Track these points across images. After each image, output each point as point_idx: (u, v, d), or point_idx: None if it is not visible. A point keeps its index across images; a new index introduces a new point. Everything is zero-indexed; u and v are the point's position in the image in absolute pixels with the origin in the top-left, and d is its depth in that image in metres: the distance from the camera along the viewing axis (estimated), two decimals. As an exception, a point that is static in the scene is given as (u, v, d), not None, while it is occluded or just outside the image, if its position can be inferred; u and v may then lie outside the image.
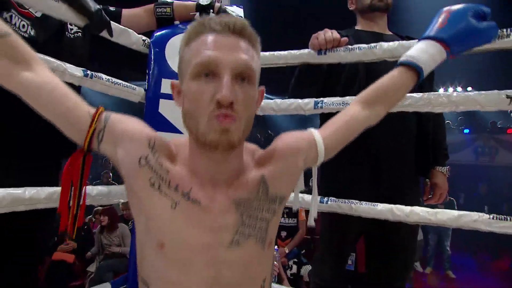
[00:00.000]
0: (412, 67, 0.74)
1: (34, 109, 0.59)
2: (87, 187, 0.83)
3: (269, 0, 7.59)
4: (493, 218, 0.86)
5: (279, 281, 2.21)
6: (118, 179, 6.18)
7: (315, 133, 0.70)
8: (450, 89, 10.65)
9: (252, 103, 0.59)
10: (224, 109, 0.54)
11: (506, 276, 4.83)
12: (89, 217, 3.76)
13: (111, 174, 5.52)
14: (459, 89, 10.61)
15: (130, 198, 0.65)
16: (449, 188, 1.39)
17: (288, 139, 0.69)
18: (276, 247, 2.03)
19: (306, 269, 2.59)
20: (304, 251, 2.85)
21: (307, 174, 0.86)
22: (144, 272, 0.64)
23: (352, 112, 0.74)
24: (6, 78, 0.57)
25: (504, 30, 0.83)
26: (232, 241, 0.61)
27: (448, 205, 4.92)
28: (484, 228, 0.87)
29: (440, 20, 0.77)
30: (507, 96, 0.83)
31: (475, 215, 0.89)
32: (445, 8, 0.79)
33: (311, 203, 0.79)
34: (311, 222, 0.80)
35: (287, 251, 2.66)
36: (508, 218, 0.85)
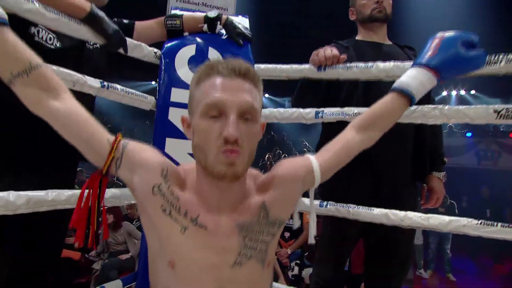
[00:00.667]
0: (404, 93, 0.79)
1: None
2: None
3: (273, 10, 7.67)
4: (480, 224, 0.92)
5: (275, 279, 2.26)
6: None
7: (312, 159, 0.76)
8: (454, 92, 10.66)
9: (254, 138, 0.66)
10: (230, 145, 0.61)
11: (507, 280, 4.85)
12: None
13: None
14: (462, 92, 10.61)
15: (143, 219, 0.72)
16: (451, 191, 1.45)
17: (287, 166, 0.75)
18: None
19: (307, 271, 2.61)
20: (307, 253, 2.88)
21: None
22: (156, 286, 0.71)
23: (347, 138, 0.80)
24: (37, 106, 0.65)
25: (493, 56, 0.88)
26: (236, 262, 0.68)
27: (449, 209, 4.95)
28: (472, 232, 0.93)
29: (431, 47, 0.82)
30: (494, 111, 0.88)
31: (464, 220, 0.95)
32: (438, 34, 0.83)
33: (310, 222, 0.84)
34: (311, 241, 0.84)
35: (289, 252, 2.69)
36: (495, 224, 0.90)
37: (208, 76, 0.65)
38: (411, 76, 0.80)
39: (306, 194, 1.11)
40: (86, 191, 0.70)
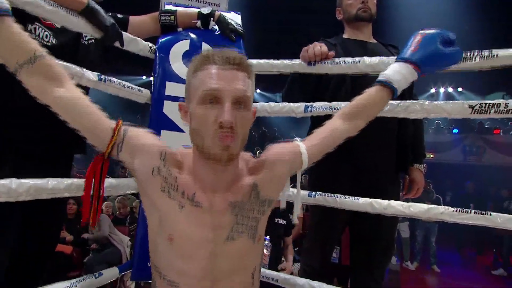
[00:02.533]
0: (387, 85, 0.86)
1: (49, 111, 0.69)
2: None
3: (265, 7, 7.67)
4: (456, 211, 0.99)
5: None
6: None
7: (301, 145, 0.82)
8: (442, 89, 10.88)
9: (247, 124, 0.71)
10: (226, 130, 0.66)
11: (489, 271, 5.04)
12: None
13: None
14: (450, 89, 10.84)
15: (144, 200, 0.77)
16: (438, 186, 1.53)
17: (276, 150, 0.81)
18: (267, 237, 2.15)
19: (297, 266, 2.66)
20: (297, 248, 2.95)
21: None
22: (157, 261, 0.77)
23: (334, 125, 0.86)
24: (42, 94, 0.68)
25: (469, 52, 0.95)
26: (228, 237, 0.73)
27: (435, 203, 5.07)
28: (449, 219, 1.00)
29: (413, 43, 0.89)
30: (469, 106, 0.95)
31: (442, 208, 1.02)
32: (420, 31, 0.91)
33: (295, 202, 0.91)
34: (295, 220, 0.92)
35: (292, 269, 2.73)
36: (469, 211, 0.98)
37: (204, 66, 0.69)
38: (394, 70, 0.87)
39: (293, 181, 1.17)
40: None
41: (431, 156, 8.21)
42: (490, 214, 0.96)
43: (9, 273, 1.05)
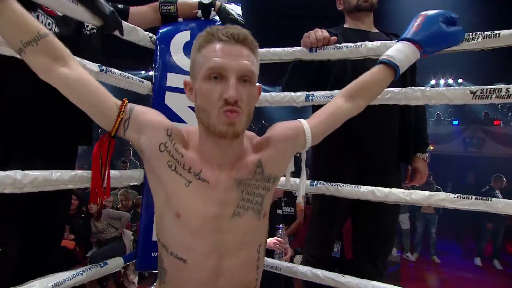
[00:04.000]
0: (390, 65, 0.86)
1: (53, 104, 0.70)
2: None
3: None
4: (457, 197, 1.00)
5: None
6: (136, 156, 6.33)
7: (304, 123, 0.83)
8: (442, 81, 10.84)
9: (252, 100, 0.71)
10: (231, 106, 0.66)
11: (488, 261, 5.08)
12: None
13: (131, 150, 5.93)
14: (450, 80, 10.81)
15: (150, 176, 0.77)
16: (439, 177, 1.54)
17: (280, 128, 0.82)
18: (281, 225, 2.16)
19: (299, 258, 2.69)
20: (294, 238, 2.97)
21: (298, 159, 0.99)
22: (163, 238, 0.77)
23: (336, 105, 0.87)
24: (46, 73, 0.68)
25: (470, 34, 0.95)
26: (234, 213, 0.74)
27: (437, 193, 5.12)
28: (450, 205, 1.01)
29: (416, 23, 0.89)
30: (471, 92, 0.96)
31: (442, 194, 1.03)
32: (422, 13, 0.91)
33: (300, 182, 0.91)
34: (300, 200, 0.93)
35: (291, 253, 2.75)
36: (470, 197, 0.98)
37: (209, 42, 0.69)
38: (397, 49, 0.87)
39: (296, 175, 1.18)
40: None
41: (432, 147, 8.22)
42: (491, 200, 0.97)
43: (14, 268, 1.06)
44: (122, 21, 1.10)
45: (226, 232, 0.74)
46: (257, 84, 0.76)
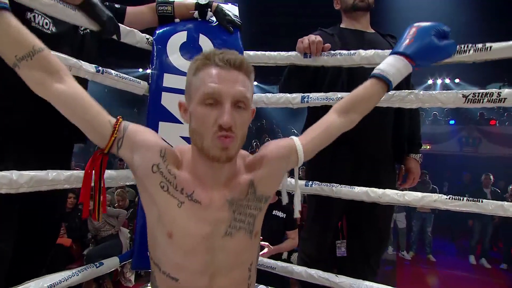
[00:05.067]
0: (382, 79, 0.87)
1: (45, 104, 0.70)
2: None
3: None
4: (449, 198, 1.01)
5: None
6: None
7: (296, 140, 0.83)
8: (439, 81, 10.90)
9: (246, 124, 0.73)
10: (225, 131, 0.67)
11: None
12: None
13: None
14: (447, 80, 10.86)
15: (142, 195, 0.78)
16: (434, 177, 1.55)
17: (272, 147, 0.83)
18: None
19: (295, 256, 2.69)
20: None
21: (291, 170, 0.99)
22: (156, 257, 0.78)
23: (329, 120, 0.87)
24: (41, 88, 0.69)
25: (462, 45, 0.96)
26: (226, 233, 0.75)
27: (431, 193, 5.17)
28: (442, 206, 1.02)
29: (408, 36, 0.90)
30: (463, 96, 0.97)
31: (435, 196, 1.04)
32: (415, 24, 0.92)
33: (295, 197, 0.93)
34: (297, 215, 0.94)
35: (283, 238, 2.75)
36: (461, 198, 1.00)
37: (205, 66, 0.70)
38: (389, 63, 0.88)
39: (292, 175, 1.19)
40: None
41: (428, 147, 8.27)
42: (482, 201, 0.98)
43: (11, 266, 1.07)
44: (119, 24, 1.10)
45: (218, 252, 0.75)
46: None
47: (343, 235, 1.93)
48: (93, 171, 0.76)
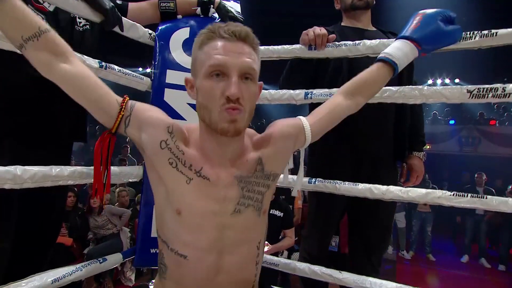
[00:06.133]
0: (388, 63, 0.87)
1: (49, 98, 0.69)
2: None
3: None
4: (453, 195, 1.01)
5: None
6: (134, 154, 6.32)
7: (304, 120, 0.84)
8: (439, 80, 10.91)
9: (254, 97, 0.72)
10: (233, 103, 0.67)
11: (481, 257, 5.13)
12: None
13: (129, 148, 5.99)
14: (447, 80, 10.88)
15: (150, 173, 0.78)
16: (434, 176, 1.55)
17: (281, 125, 0.82)
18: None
19: (296, 256, 2.69)
20: (296, 238, 2.98)
21: (295, 156, 0.99)
22: (164, 235, 0.78)
23: (335, 102, 0.87)
24: (47, 69, 0.68)
25: (468, 32, 0.96)
26: (235, 210, 0.75)
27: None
28: (446, 203, 1.02)
29: (414, 22, 0.90)
30: (468, 91, 0.97)
31: (439, 192, 1.04)
32: (420, 11, 0.92)
33: (297, 177, 0.93)
34: (295, 193, 0.95)
35: (280, 237, 2.76)
36: (465, 195, 1.00)
37: (210, 39, 0.70)
38: (396, 47, 0.88)
39: (293, 172, 1.19)
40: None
41: (428, 147, 8.27)
42: (486, 198, 0.98)
43: (10, 263, 1.06)
44: (122, 17, 1.10)
45: (226, 229, 0.75)
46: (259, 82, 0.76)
47: (337, 231, 1.92)
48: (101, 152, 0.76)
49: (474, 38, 0.96)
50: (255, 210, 0.77)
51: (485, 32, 0.94)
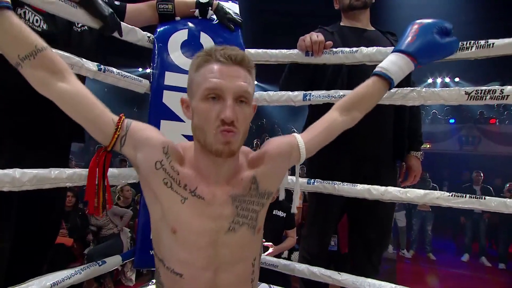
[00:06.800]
0: (384, 77, 0.88)
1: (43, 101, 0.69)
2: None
3: None
4: (451, 196, 1.01)
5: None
6: None
7: (298, 138, 0.84)
8: (439, 80, 10.91)
9: (248, 119, 0.73)
10: (227, 126, 0.68)
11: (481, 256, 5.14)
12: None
13: None
14: (447, 79, 10.87)
15: (146, 193, 0.78)
16: (434, 176, 1.56)
17: (275, 144, 0.83)
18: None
19: (296, 255, 2.70)
20: (296, 237, 2.99)
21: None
22: (160, 252, 0.79)
23: (331, 118, 0.88)
24: (44, 87, 0.69)
25: (464, 43, 0.96)
26: (229, 228, 0.76)
27: (431, 192, 5.19)
28: (444, 203, 1.02)
29: (410, 34, 0.90)
30: (466, 93, 0.97)
31: (438, 193, 1.05)
32: (417, 21, 0.92)
33: (294, 193, 0.94)
34: (294, 210, 0.96)
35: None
36: (464, 195, 1.00)
37: (207, 62, 0.71)
38: (391, 61, 0.89)
39: (293, 173, 1.19)
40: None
41: (428, 146, 8.28)
42: (484, 198, 0.98)
43: (10, 264, 1.06)
44: (121, 22, 1.10)
45: (221, 247, 0.75)
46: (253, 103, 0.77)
47: (335, 230, 1.93)
48: (97, 169, 0.76)
49: (471, 49, 0.96)
50: (250, 228, 0.77)
51: (482, 42, 0.95)
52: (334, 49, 1.20)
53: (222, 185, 0.75)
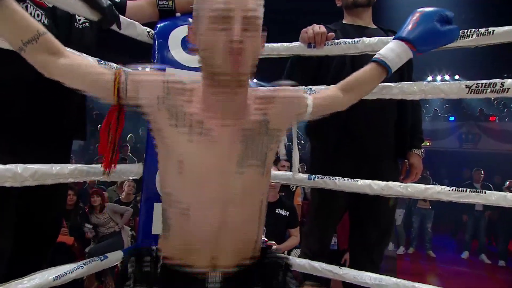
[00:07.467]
0: (381, 64, 0.90)
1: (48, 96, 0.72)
2: (98, 165, 0.97)
3: None
4: (452, 190, 1.02)
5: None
6: (134, 152, 6.32)
7: (307, 95, 0.86)
8: (439, 77, 10.90)
9: (257, 48, 0.70)
10: (236, 47, 0.65)
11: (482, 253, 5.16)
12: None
13: (129, 146, 5.93)
14: (447, 77, 10.86)
15: (153, 134, 0.77)
16: (434, 173, 1.56)
17: (286, 88, 0.84)
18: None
19: (296, 252, 2.69)
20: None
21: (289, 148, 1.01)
22: (166, 191, 0.77)
23: (334, 93, 0.90)
24: (47, 68, 0.71)
25: (465, 31, 0.97)
26: (238, 167, 0.73)
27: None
28: (445, 198, 1.03)
29: (411, 22, 0.91)
30: (466, 86, 0.97)
31: (438, 187, 1.05)
32: (418, 10, 0.93)
33: (293, 155, 0.96)
34: (295, 171, 1.00)
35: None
36: (464, 190, 1.00)
37: None
38: (389, 48, 0.91)
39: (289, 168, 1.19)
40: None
41: (428, 143, 8.29)
42: (485, 193, 0.99)
43: (11, 263, 1.06)
44: (120, 15, 1.10)
45: (229, 186, 0.73)
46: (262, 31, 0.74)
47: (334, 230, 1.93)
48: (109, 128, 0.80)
49: (471, 37, 0.96)
50: (258, 169, 0.76)
51: (482, 30, 0.95)
52: (336, 40, 1.20)
53: (231, 123, 0.73)
